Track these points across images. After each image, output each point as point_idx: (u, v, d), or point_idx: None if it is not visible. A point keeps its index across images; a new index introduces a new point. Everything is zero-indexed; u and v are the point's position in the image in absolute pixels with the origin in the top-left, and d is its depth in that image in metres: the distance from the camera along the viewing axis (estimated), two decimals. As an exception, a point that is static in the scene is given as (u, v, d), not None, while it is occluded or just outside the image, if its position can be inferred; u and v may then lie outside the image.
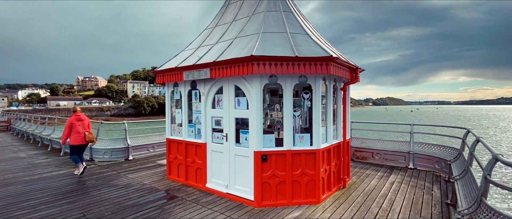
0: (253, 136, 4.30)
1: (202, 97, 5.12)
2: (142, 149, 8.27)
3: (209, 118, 5.04)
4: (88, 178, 5.94)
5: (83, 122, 6.55)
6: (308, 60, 4.00)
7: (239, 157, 4.57)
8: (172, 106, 5.94)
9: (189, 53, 5.64)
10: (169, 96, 5.92)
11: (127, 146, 7.87)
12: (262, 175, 4.26)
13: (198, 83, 5.19)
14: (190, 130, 5.45)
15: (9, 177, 6.10)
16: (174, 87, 5.82)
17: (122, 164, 7.26)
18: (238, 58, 4.08)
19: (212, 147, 5.04)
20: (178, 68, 5.18)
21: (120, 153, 7.80)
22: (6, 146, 10.93)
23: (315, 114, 4.33)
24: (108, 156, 7.68)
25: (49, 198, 4.71)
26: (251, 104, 4.31)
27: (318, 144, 4.33)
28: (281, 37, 4.44)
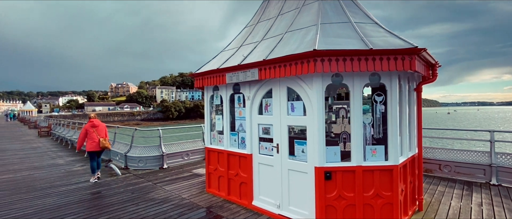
0: (313, 148, 3.57)
1: (246, 102, 4.50)
2: (176, 157, 7.88)
3: (255, 125, 4.40)
4: (124, 190, 5.57)
5: (97, 128, 6.50)
6: (386, 53, 3.19)
7: (294, 173, 3.85)
8: (211, 112, 5.41)
9: (230, 53, 5.08)
10: (208, 101, 5.39)
11: (162, 154, 7.51)
12: (326, 196, 3.50)
13: (242, 86, 4.58)
14: (233, 138, 4.85)
15: (46, 187, 5.93)
16: (214, 91, 5.28)
17: (157, 173, 6.88)
18: (295, 55, 3.39)
19: (259, 159, 4.38)
20: (220, 70, 4.61)
21: (154, 161, 7.46)
22: (46, 151, 11.23)
23: (391, 121, 3.49)
24: (142, 164, 7.36)
25: (85, 214, 4.34)
26: (310, 109, 3.59)
27: (395, 158, 3.48)
28: (345, 27, 3.68)
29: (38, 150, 11.77)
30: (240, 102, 4.71)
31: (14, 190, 5.72)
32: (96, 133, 6.43)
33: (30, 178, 6.69)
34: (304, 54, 3.29)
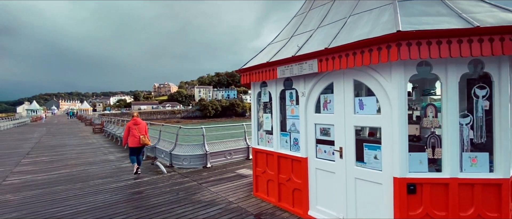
0: (390, 154, 2.92)
1: (300, 99, 3.98)
2: (219, 156, 7.68)
3: (311, 125, 3.86)
4: (170, 189, 5.46)
5: (139, 126, 6.84)
6: (499, 32, 2.42)
7: (363, 183, 3.23)
8: (259, 110, 4.99)
9: (280, 45, 4.60)
10: (255, 98, 4.99)
11: (205, 153, 7.36)
12: (408, 214, 2.83)
13: (295, 81, 4.07)
14: (284, 139, 4.37)
15: (98, 183, 6.11)
16: (261, 87, 4.85)
17: (201, 173, 6.72)
18: (370, 40, 2.77)
19: (316, 163, 3.83)
20: (270, 64, 4.16)
21: (198, 160, 7.33)
22: (99, 147, 12.01)
23: (499, 121, 2.69)
24: (187, 163, 7.29)
25: (134, 214, 4.25)
26: (387, 107, 2.94)
27: (505, 170, 2.67)
28: (432, 3, 2.94)
29: (92, 146, 12.67)
30: (293, 99, 4.21)
31: (70, 185, 5.99)
32: (137, 130, 6.76)
33: (84, 174, 7.02)
34: (383, 38, 2.66)
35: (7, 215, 4.25)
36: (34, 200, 4.96)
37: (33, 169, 7.73)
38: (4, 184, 6.09)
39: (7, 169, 7.75)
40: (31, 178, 6.62)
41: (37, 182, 6.28)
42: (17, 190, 5.64)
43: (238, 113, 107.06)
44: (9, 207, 4.64)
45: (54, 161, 8.84)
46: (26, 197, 5.18)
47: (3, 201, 4.97)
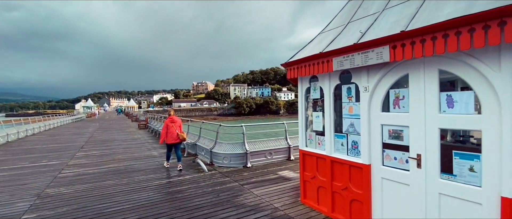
0: (496, 167, 2.22)
1: (362, 95, 3.39)
2: (259, 155, 7.33)
3: (377, 126, 3.24)
4: (212, 190, 5.24)
5: (175, 123, 7.14)
6: None
7: (451, 200, 2.56)
8: (307, 107, 4.48)
9: (333, 33, 4.03)
10: (303, 94, 4.48)
11: (246, 152, 7.06)
12: (527, 248, 2.11)
13: (355, 74, 3.48)
14: (339, 142, 3.81)
15: (143, 179, 6.17)
16: (311, 82, 4.33)
17: (242, 173, 6.44)
18: (473, 16, 2.10)
19: (382, 172, 3.22)
20: (323, 54, 3.62)
21: (238, 159, 7.07)
22: (143, 143, 12.55)
23: None
24: (227, 162, 7.07)
25: (177, 215, 4.08)
26: (493, 104, 2.24)
27: None
28: None
29: (137, 141, 13.32)
30: (351, 95, 3.62)
31: (117, 180, 6.14)
32: (175, 128, 7.07)
33: (130, 169, 7.22)
34: (496, 12, 1.98)
35: (59, 209, 4.39)
36: (84, 195, 5.12)
37: (85, 162, 8.22)
38: (59, 177, 6.49)
39: (63, 162, 8.37)
40: (83, 172, 6.98)
41: (88, 175, 6.58)
42: (70, 183, 5.93)
43: (272, 110, 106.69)
44: (61, 200, 4.83)
45: (104, 155, 9.36)
46: (77, 190, 5.39)
47: (57, 193, 5.22)
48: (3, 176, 6.68)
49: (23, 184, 5.89)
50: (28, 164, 8.04)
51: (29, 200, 4.86)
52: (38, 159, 8.88)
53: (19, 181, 6.14)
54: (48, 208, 4.46)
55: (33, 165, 7.95)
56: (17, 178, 6.42)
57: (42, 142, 13.34)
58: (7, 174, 6.83)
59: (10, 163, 8.24)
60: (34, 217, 4.09)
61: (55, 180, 6.21)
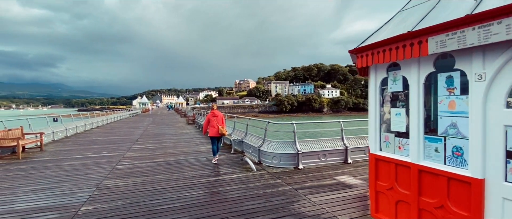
0: None
1: (473, 85, 2.53)
2: (312, 156, 6.66)
3: (498, 128, 2.37)
4: (264, 193, 4.79)
5: (217, 117, 7.30)
6: None
7: None
8: (384, 102, 3.69)
9: (421, 9, 3.19)
10: (376, 87, 3.71)
11: (297, 152, 6.46)
12: None
13: (461, 58, 2.62)
14: (432, 147, 2.97)
15: (192, 176, 6.03)
16: (388, 71, 3.54)
17: (294, 175, 5.86)
18: None
19: (505, 190, 2.34)
20: (414, 34, 2.82)
21: (289, 160, 6.51)
22: (191, 138, 12.80)
23: None
24: (277, 162, 6.57)
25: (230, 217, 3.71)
26: None
27: None
28: None
29: (186, 136, 13.69)
30: (453, 86, 2.77)
31: (168, 174, 6.10)
32: (216, 122, 7.22)
33: (180, 164, 7.21)
34: None
35: (114, 202, 4.39)
36: (137, 188, 5.11)
37: (139, 155, 8.54)
38: (116, 169, 6.74)
39: (120, 154, 8.83)
40: (138, 164, 7.18)
41: (142, 169, 6.72)
42: (125, 175, 6.07)
43: (315, 108, 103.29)
44: (116, 193, 4.87)
45: (156, 149, 9.68)
46: (131, 183, 5.44)
47: (113, 185, 5.32)
48: (70, 165, 7.23)
49: (85, 174, 6.23)
50: (91, 155, 8.66)
51: (89, 190, 5.02)
52: (100, 150, 9.56)
53: (82, 171, 6.53)
54: (104, 200, 4.51)
55: (95, 155, 8.54)
56: (81, 168, 6.86)
57: (104, 135, 14.60)
58: (74, 164, 7.39)
59: (77, 153, 9.00)
60: (92, 209, 4.13)
61: (112, 171, 6.46)
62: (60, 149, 9.89)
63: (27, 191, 5.00)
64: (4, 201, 4.52)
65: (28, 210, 4.13)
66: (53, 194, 4.84)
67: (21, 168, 6.85)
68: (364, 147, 7.25)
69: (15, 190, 5.11)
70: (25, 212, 4.06)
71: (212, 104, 8.20)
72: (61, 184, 5.46)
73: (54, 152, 9.23)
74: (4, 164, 7.40)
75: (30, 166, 7.13)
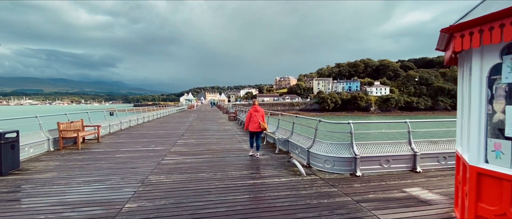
0: None
1: None
2: (372, 162, 5.72)
3: None
4: (318, 202, 4.11)
5: (258, 113, 7.45)
6: None
7: None
8: (494, 98, 2.72)
9: None
10: (481, 77, 2.74)
11: (354, 157, 5.60)
12: None
13: None
14: None
15: (237, 176, 5.62)
16: (502, 56, 2.57)
17: (351, 183, 5.05)
18: None
19: None
20: None
21: (344, 164, 5.68)
22: (234, 135, 12.60)
23: None
24: (329, 166, 5.79)
25: (280, 235, 3.13)
26: None
27: None
28: None
29: (228, 132, 13.57)
30: None
31: (212, 173, 5.80)
32: (257, 117, 7.37)
33: (223, 162, 6.90)
34: None
35: (157, 202, 4.17)
36: (181, 187, 4.88)
37: (184, 150, 8.52)
38: (161, 164, 6.71)
39: (166, 148, 8.95)
40: (182, 160, 7.08)
41: (186, 165, 6.57)
42: (170, 171, 5.95)
43: (361, 107, 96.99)
44: (160, 191, 4.68)
45: (200, 145, 9.63)
46: (175, 181, 5.24)
47: (158, 182, 5.18)
48: (121, 157, 7.47)
49: (133, 168, 6.29)
50: (141, 148, 8.94)
51: (134, 186, 4.94)
52: (148, 144, 9.87)
53: (131, 164, 6.64)
54: (148, 198, 4.33)
55: (144, 149, 8.79)
56: (131, 161, 7.00)
57: (153, 129, 15.34)
58: (124, 156, 7.63)
59: (128, 146, 9.40)
60: (135, 208, 3.95)
61: (158, 166, 6.42)
62: (114, 141, 10.50)
63: (80, 183, 5.13)
64: (59, 191, 4.65)
65: (77, 202, 4.14)
66: (101, 187, 4.87)
67: (79, 159, 7.28)
68: (437, 153, 6.03)
69: (70, 180, 5.30)
70: (74, 204, 4.06)
71: (254, 100, 8.35)
72: (110, 177, 5.54)
73: (108, 144, 9.81)
74: (66, 153, 8.00)
75: (87, 157, 7.55)
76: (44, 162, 6.82)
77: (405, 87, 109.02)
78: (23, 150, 7.27)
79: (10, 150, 5.92)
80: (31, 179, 5.38)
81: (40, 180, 5.28)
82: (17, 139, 6.17)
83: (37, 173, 5.83)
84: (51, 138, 8.59)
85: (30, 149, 7.62)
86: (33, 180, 5.32)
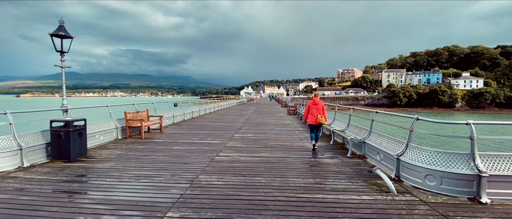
0: None
1: None
2: (508, 182, 3.80)
3: None
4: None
5: (317, 105, 7.22)
6: None
7: None
8: None
9: None
10: None
11: (477, 174, 3.79)
12: None
13: None
14: None
15: (300, 185, 4.48)
16: None
17: (477, 215, 3.34)
18: None
19: None
20: None
21: (459, 184, 3.92)
22: (293, 130, 11.41)
23: None
24: (434, 184, 4.11)
25: None
26: None
27: None
28: None
29: (287, 127, 12.46)
30: None
31: (270, 178, 4.81)
32: (315, 110, 7.18)
33: (283, 164, 5.85)
34: None
35: (203, 213, 3.40)
36: (232, 195, 4.02)
37: (240, 146, 7.80)
38: (215, 161, 6.05)
39: (222, 142, 8.40)
40: (237, 158, 6.32)
41: (240, 164, 5.76)
42: (222, 171, 5.21)
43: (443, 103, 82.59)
44: (209, 197, 3.91)
45: (257, 140, 8.80)
46: (227, 185, 4.44)
47: (207, 185, 4.46)
48: (177, 150, 7.18)
49: (185, 163, 5.81)
50: (197, 140, 8.63)
51: (182, 187, 4.32)
52: (206, 136, 9.56)
53: (185, 159, 6.20)
54: (194, 206, 3.59)
55: (200, 141, 8.43)
56: (185, 154, 6.60)
57: (213, 120, 15.37)
58: (181, 149, 7.33)
59: (186, 137, 9.24)
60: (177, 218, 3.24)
61: (211, 163, 5.78)
62: (175, 131, 10.59)
63: (131, 177, 4.80)
64: (108, 186, 4.35)
65: (120, 202, 3.69)
66: (149, 185, 4.40)
67: (139, 149, 7.27)
68: None
69: (123, 172, 5.06)
70: (116, 204, 3.62)
71: (313, 92, 8.03)
72: (161, 172, 5.11)
73: (169, 134, 9.88)
74: (130, 142, 8.19)
75: (146, 147, 7.52)
76: (109, 151, 6.98)
77: (507, 79, 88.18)
78: (94, 137, 7.67)
79: (78, 138, 6.11)
80: (90, 168, 5.36)
81: (97, 170, 5.19)
82: (84, 127, 6.37)
83: (98, 162, 5.85)
84: (119, 126, 9.00)
85: (100, 137, 8.03)
86: (92, 169, 5.28)
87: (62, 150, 5.86)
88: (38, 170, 5.15)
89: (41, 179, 4.64)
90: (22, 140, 5.48)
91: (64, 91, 7.57)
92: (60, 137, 5.84)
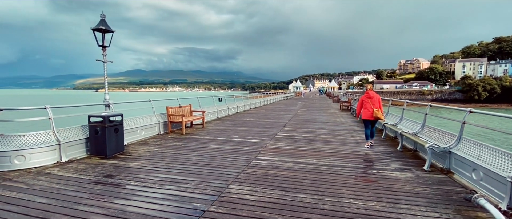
0: None
1: None
2: None
3: None
4: None
5: (372, 99, 6.73)
6: None
7: None
8: None
9: None
10: None
11: None
12: None
13: None
14: None
15: (363, 213, 3.28)
16: None
17: None
18: None
19: None
20: None
21: None
22: (348, 130, 9.85)
23: None
24: None
25: None
26: None
27: None
28: None
29: (340, 126, 10.91)
30: None
31: (316, 197, 3.73)
32: (371, 104, 6.69)
33: (334, 175, 4.67)
34: None
35: (222, 251, 2.52)
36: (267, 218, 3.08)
37: (282, 148, 6.80)
38: (251, 165, 5.19)
39: (263, 141, 7.51)
40: (277, 164, 5.35)
41: (281, 172, 4.79)
42: (259, 181, 4.31)
43: (541, 98, 66.69)
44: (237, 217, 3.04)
45: (303, 141, 7.68)
46: (260, 203, 3.52)
47: (238, 198, 3.62)
48: (214, 149, 6.58)
49: (218, 166, 5.10)
50: (237, 138, 7.94)
51: (208, 200, 3.58)
52: (247, 133, 8.83)
53: (219, 160, 5.52)
54: (214, 232, 2.77)
55: (240, 140, 7.72)
56: (220, 155, 5.93)
57: (257, 116, 14.64)
58: (217, 147, 6.72)
59: (226, 134, 8.65)
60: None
61: (247, 169, 4.95)
62: (217, 128, 10.14)
63: (156, 181, 4.27)
64: (129, 192, 3.87)
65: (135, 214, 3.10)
66: (172, 194, 3.77)
67: (176, 146, 6.89)
68: None
69: (150, 175, 4.59)
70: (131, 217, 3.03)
71: (366, 85, 7.79)
72: (189, 177, 4.48)
73: (210, 130, 9.45)
74: (170, 138, 7.94)
75: (184, 144, 7.12)
76: (146, 147, 6.75)
77: None
78: (135, 132, 7.60)
79: (114, 134, 5.94)
80: (121, 167, 5.05)
81: (126, 171, 4.83)
82: (121, 123, 6.20)
83: (132, 160, 5.56)
84: (162, 121, 8.89)
85: (142, 132, 7.95)
86: (122, 168, 4.96)
87: (98, 146, 5.75)
88: (73, 166, 5.05)
89: (70, 177, 4.44)
90: (61, 135, 5.48)
91: (105, 85, 7.60)
92: (97, 132, 5.72)
